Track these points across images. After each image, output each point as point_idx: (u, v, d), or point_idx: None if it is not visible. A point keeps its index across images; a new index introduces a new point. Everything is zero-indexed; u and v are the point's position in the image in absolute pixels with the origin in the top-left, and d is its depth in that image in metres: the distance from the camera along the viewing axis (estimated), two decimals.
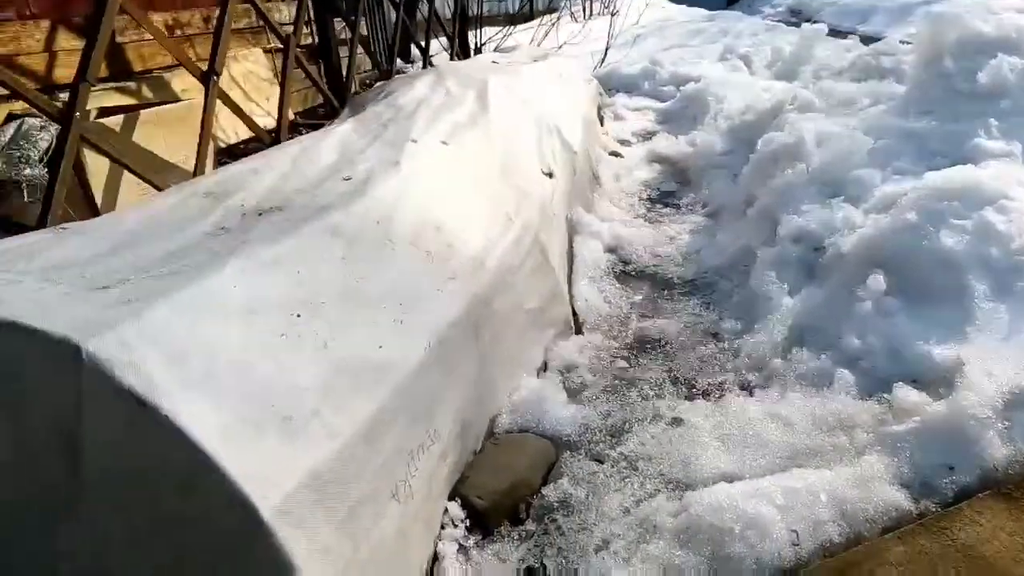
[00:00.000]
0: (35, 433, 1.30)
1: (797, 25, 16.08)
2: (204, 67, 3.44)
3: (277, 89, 5.43)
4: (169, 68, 4.24)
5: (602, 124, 6.32)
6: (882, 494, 1.91)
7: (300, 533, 1.32)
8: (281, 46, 4.24)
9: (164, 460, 1.25)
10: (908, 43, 5.10)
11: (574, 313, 3.06)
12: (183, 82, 4.14)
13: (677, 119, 6.38)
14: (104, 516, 1.29)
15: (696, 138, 5.17)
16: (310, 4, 4.81)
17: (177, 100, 4.02)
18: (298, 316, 1.62)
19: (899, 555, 1.71)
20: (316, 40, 5.04)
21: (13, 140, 2.76)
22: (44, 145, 2.83)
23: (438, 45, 7.32)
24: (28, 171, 2.73)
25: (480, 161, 2.88)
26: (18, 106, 3.36)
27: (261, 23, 5.71)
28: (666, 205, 4.54)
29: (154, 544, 1.30)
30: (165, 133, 3.65)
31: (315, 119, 5.23)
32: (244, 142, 4.46)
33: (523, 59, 5.20)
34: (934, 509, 1.88)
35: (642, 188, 4.83)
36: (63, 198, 2.59)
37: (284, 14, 5.33)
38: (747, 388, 2.50)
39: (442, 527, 1.88)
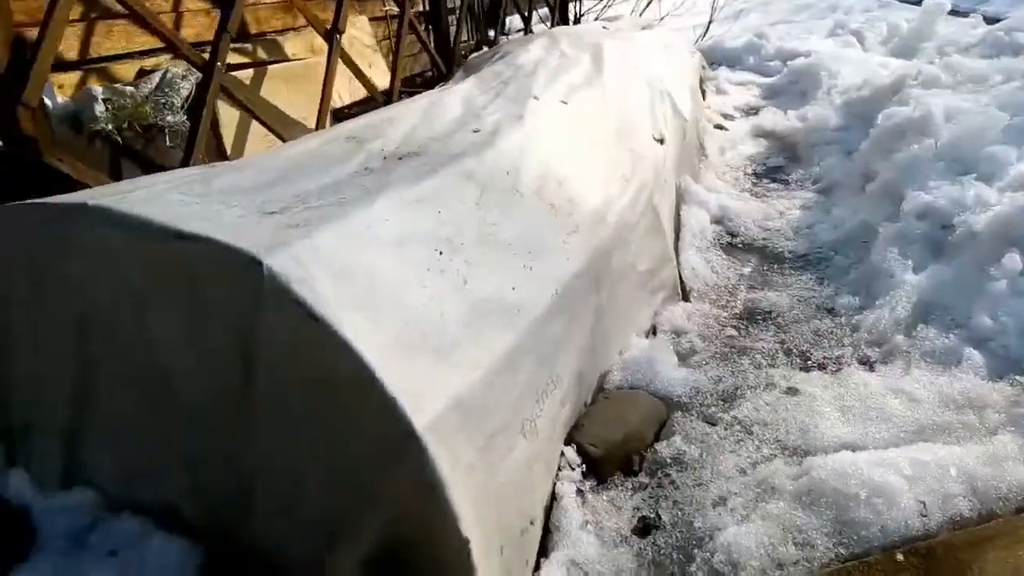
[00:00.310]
0: (214, 342, 1.41)
1: (911, 3, 15.20)
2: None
3: (379, 56, 5.56)
4: (282, 32, 4.40)
5: (704, 98, 6.19)
6: (1016, 474, 1.83)
7: (447, 451, 1.38)
8: (392, 14, 4.33)
9: (331, 372, 1.34)
10: None
11: (681, 280, 3.04)
12: (294, 46, 4.29)
13: (784, 94, 6.17)
14: (274, 421, 1.39)
15: (808, 112, 4.99)
16: None
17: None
18: (440, 253, 1.68)
19: None
20: (427, 7, 5.11)
21: (159, 87, 2.94)
22: (185, 94, 3.00)
23: (536, 16, 7.30)
24: (171, 117, 2.91)
25: (597, 122, 2.88)
26: (150, 62, 3.58)
27: None
28: (773, 180, 4.42)
29: (319, 450, 1.40)
30: (288, 90, 3.80)
31: (414, 87, 5.33)
32: (352, 105, 4.60)
33: (628, 28, 5.13)
34: None
35: (747, 162, 4.71)
36: (204, 143, 2.75)
37: None
38: (867, 363, 2.43)
39: (559, 469, 1.93)
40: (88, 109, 2.69)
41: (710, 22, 7.95)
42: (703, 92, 6.31)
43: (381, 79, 4.93)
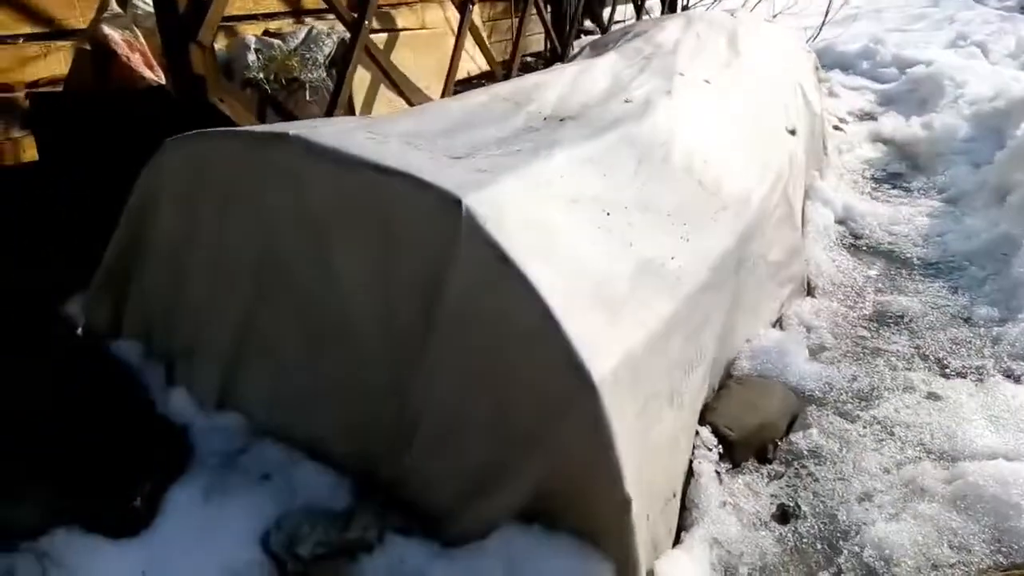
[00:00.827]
0: (399, 276, 1.43)
1: None
2: None
3: (486, 37, 5.59)
4: (396, 6, 4.45)
5: None
6: None
7: (616, 405, 1.37)
8: None
9: (513, 314, 1.35)
10: None
11: (806, 276, 2.95)
12: (405, 20, 4.32)
13: (901, 101, 5.91)
14: (451, 360, 1.41)
15: (934, 121, 4.77)
16: None
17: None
18: (608, 214, 1.67)
19: None
20: None
21: (304, 43, 3.02)
22: (327, 51, 3.08)
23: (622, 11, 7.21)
24: (314, 73, 2.99)
25: (736, 105, 2.82)
26: (274, 25, 3.67)
27: None
28: (893, 186, 4.24)
29: (487, 393, 1.41)
30: (415, 57, 3.86)
31: (526, 69, 5.33)
32: (469, 79, 4.63)
33: (751, 20, 5.01)
34: None
35: (865, 166, 4.54)
36: (347, 99, 2.82)
37: None
38: (1012, 376, 2.31)
39: (695, 448, 1.90)
40: (241, 58, 2.79)
41: (823, 23, 7.68)
42: None
43: (475, 65, 4.94)
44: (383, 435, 1.57)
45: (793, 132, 3.29)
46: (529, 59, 5.48)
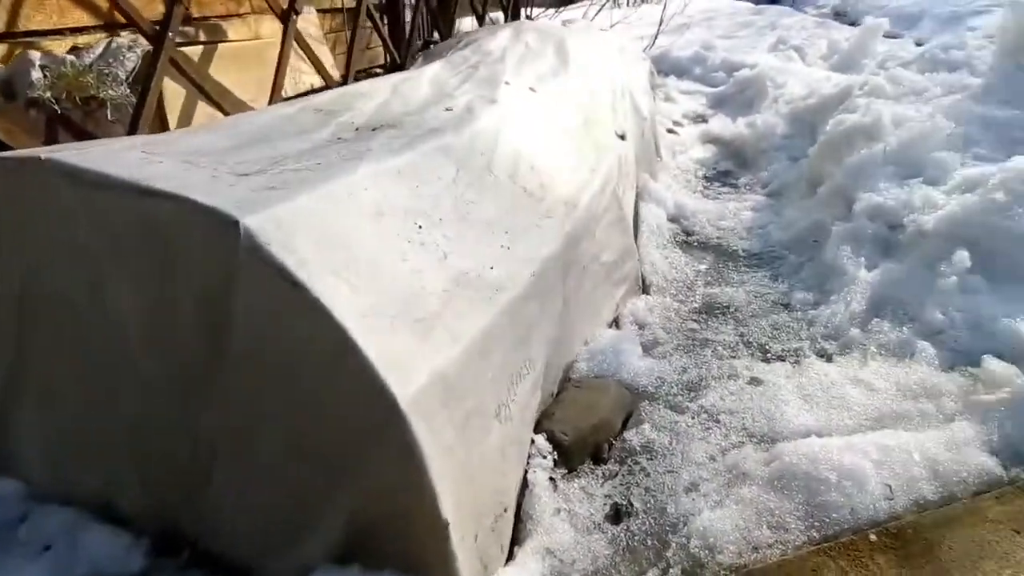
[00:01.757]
0: (180, 306, 1.30)
1: (847, 23, 15.89)
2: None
3: (325, 50, 5.41)
4: (225, 17, 4.22)
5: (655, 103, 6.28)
6: (974, 459, 1.89)
7: (428, 427, 1.32)
8: (344, 6, 4.23)
9: (308, 340, 1.26)
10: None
11: (641, 274, 3.04)
12: (237, 32, 4.11)
13: (730, 103, 6.31)
14: (243, 391, 1.30)
15: (756, 120, 5.12)
16: None
17: None
18: (420, 226, 1.62)
19: (998, 514, 1.70)
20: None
21: (102, 57, 2.76)
22: (130, 66, 2.83)
23: (487, 20, 7.29)
24: (114, 90, 2.73)
25: (564, 111, 2.86)
26: (83, 40, 3.36)
27: None
28: (723, 183, 4.51)
29: (286, 425, 1.31)
30: (237, 70, 3.65)
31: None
32: (303, 95, 4.45)
33: (586, 29, 5.17)
34: None
35: (698, 166, 4.79)
36: (151, 116, 2.60)
37: None
38: (825, 355, 2.48)
39: (529, 457, 1.88)
40: (24, 75, 2.49)
41: (658, 32, 8.09)
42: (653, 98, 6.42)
43: (329, 74, 4.81)
44: (179, 482, 1.43)
45: (623, 136, 3.40)
46: (379, 71, 5.37)
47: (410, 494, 1.30)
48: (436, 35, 6.82)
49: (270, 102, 3.30)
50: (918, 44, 10.80)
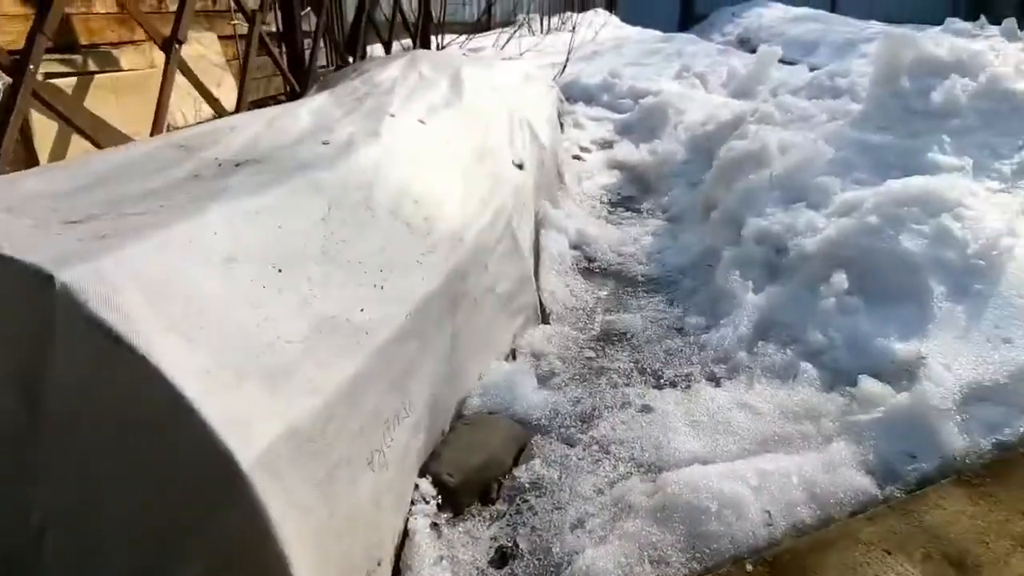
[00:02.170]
0: None
1: (747, 51, 16.69)
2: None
3: (229, 76, 5.27)
4: (117, 45, 4.05)
5: (562, 130, 6.38)
6: (850, 479, 1.94)
7: (278, 488, 1.24)
8: (240, 31, 4.12)
9: (138, 401, 1.16)
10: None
11: (540, 304, 3.04)
12: (131, 60, 3.95)
13: (635, 130, 6.47)
14: (71, 461, 1.19)
15: (657, 147, 5.26)
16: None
17: None
18: (279, 270, 1.54)
19: (870, 535, 1.74)
20: (281, 27, 4.90)
21: None
22: None
23: (399, 46, 7.27)
24: None
25: (455, 143, 2.84)
26: None
27: (217, 7, 5.55)
28: (627, 209, 4.59)
29: (122, 493, 1.21)
30: (118, 102, 3.48)
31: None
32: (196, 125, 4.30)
33: (490, 58, 5.20)
34: (898, 494, 1.93)
35: (603, 192, 4.87)
36: (11, 153, 2.42)
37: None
38: (714, 379, 2.52)
39: (412, 503, 1.81)
40: None
41: (567, 61, 8.25)
42: (561, 125, 6.52)
43: (231, 99, 4.67)
44: (11, 567, 1.29)
45: (521, 166, 3.41)
46: (283, 98, 5.24)
47: (259, 559, 1.22)
48: (351, 60, 6.76)
49: (151, 135, 3.14)
50: (812, 70, 11.44)
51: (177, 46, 3.27)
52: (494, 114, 3.46)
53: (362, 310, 1.66)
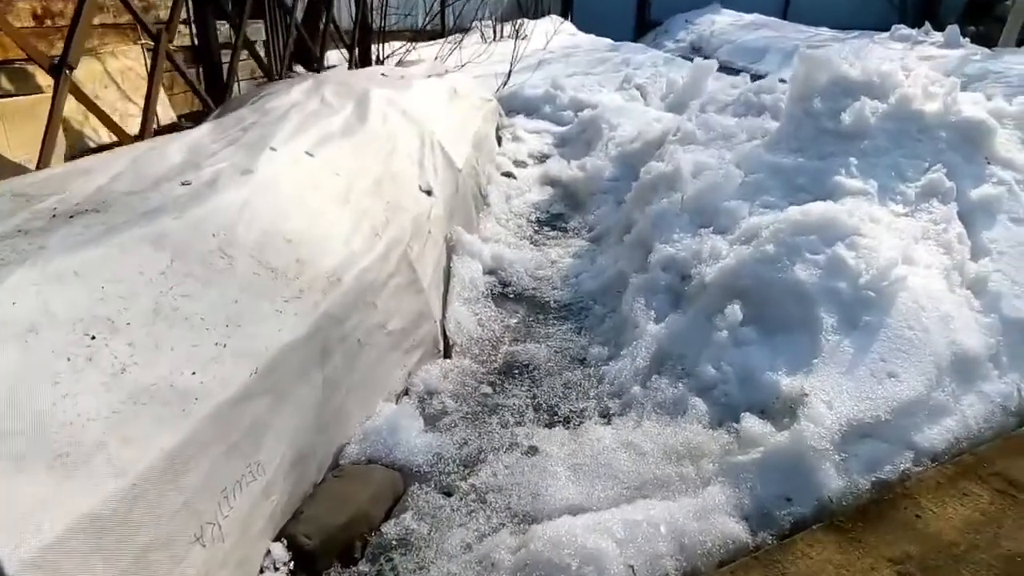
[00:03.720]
0: None
1: (702, 58, 16.85)
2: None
3: (160, 91, 5.11)
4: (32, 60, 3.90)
5: (500, 144, 6.33)
6: (721, 526, 1.91)
7: None
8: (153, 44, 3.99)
9: None
10: (786, 82, 5.34)
11: (445, 335, 2.97)
12: (21, 85, 3.79)
13: (573, 143, 6.46)
14: None
15: (587, 163, 5.22)
16: (189, 2, 4.55)
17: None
18: (92, 338, 1.45)
19: None
20: (195, 40, 4.76)
21: None
22: None
23: (340, 56, 7.16)
24: None
25: (349, 174, 2.76)
26: None
27: (118, 20, 5.38)
28: (553, 227, 4.55)
29: None
30: (7, 128, 3.33)
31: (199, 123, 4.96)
32: (108, 146, 4.15)
33: (418, 74, 5.12)
34: (771, 541, 1.90)
35: (532, 210, 4.82)
36: None
37: (164, 14, 5.04)
38: (607, 415, 2.48)
39: (261, 571, 1.73)
40: None
41: (510, 72, 8.20)
42: (499, 139, 6.47)
43: (164, 113, 4.54)
44: None
45: (429, 192, 3.34)
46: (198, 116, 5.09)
47: None
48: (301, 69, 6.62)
49: (38, 166, 3.00)
50: (757, 77, 11.62)
51: (67, 72, 3.12)
52: (401, 139, 3.39)
53: (193, 373, 1.57)
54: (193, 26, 4.72)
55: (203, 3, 4.49)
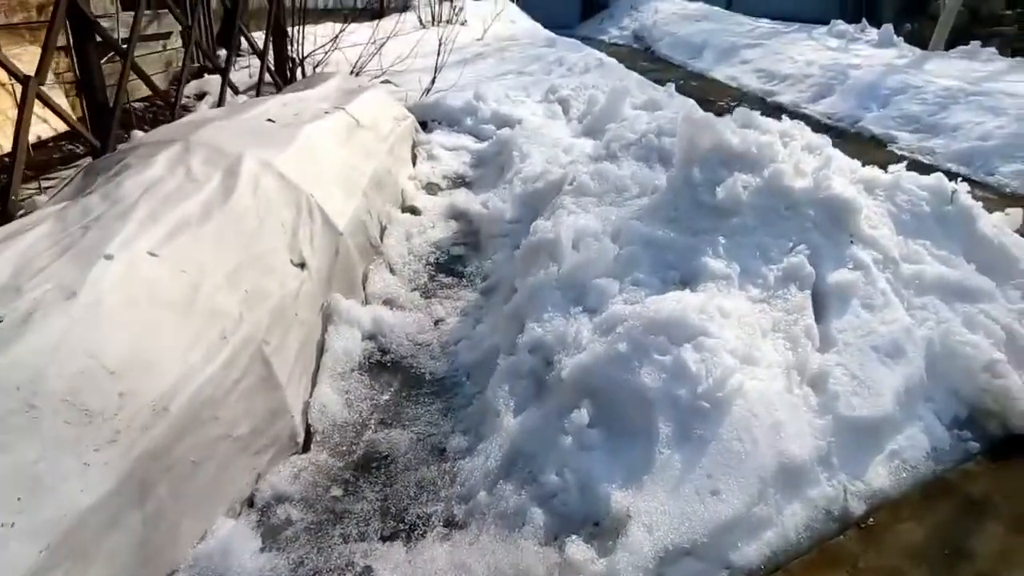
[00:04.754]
0: None
1: (641, 51, 16.88)
2: None
3: (60, 94, 4.89)
4: None
5: (415, 165, 6.27)
6: None
7: None
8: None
9: None
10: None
11: (308, 424, 2.98)
12: None
13: (489, 164, 6.43)
14: None
15: (488, 201, 5.21)
16: (69, 32, 4.35)
17: None
18: None
19: None
20: (75, 65, 4.57)
21: None
22: None
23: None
24: None
25: (201, 269, 2.71)
26: None
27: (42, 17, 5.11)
28: (450, 273, 4.55)
29: None
30: None
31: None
32: None
33: (315, 102, 5.01)
34: None
35: (432, 250, 4.80)
36: None
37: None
38: (451, 524, 2.53)
39: None
40: None
41: (434, 79, 8.07)
42: (415, 157, 6.41)
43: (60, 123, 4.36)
44: None
45: (303, 265, 3.31)
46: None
47: None
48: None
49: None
50: (694, 75, 11.85)
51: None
52: (274, 209, 3.33)
53: None
54: (74, 57, 4.52)
55: (85, 37, 4.28)
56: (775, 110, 9.75)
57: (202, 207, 2.99)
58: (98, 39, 4.50)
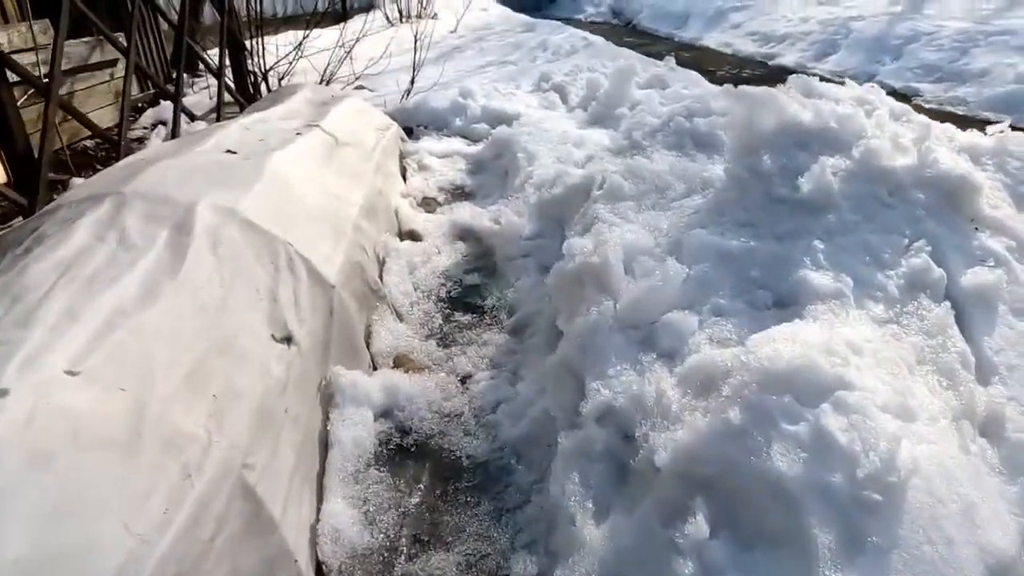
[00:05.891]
0: None
1: (621, 26, 16.11)
2: None
3: None
4: None
5: (405, 180, 5.49)
6: None
7: None
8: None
9: None
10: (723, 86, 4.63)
11: (319, 562, 2.22)
12: None
13: (488, 169, 5.68)
14: None
15: (501, 215, 4.44)
16: None
17: None
18: None
19: None
20: None
21: None
22: None
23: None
24: None
25: (146, 379, 1.93)
26: None
27: None
28: (467, 309, 3.79)
29: None
30: None
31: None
32: None
33: (283, 122, 4.21)
34: None
35: (442, 282, 4.04)
36: None
37: None
38: None
39: None
40: None
41: (413, 79, 7.26)
42: (404, 171, 5.63)
43: None
44: None
45: (288, 339, 2.54)
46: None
47: None
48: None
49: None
50: (683, 49, 11.00)
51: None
52: (243, 270, 2.55)
53: None
54: None
55: None
56: (780, 73, 9.00)
57: (142, 286, 2.20)
58: (12, 78, 3.71)
